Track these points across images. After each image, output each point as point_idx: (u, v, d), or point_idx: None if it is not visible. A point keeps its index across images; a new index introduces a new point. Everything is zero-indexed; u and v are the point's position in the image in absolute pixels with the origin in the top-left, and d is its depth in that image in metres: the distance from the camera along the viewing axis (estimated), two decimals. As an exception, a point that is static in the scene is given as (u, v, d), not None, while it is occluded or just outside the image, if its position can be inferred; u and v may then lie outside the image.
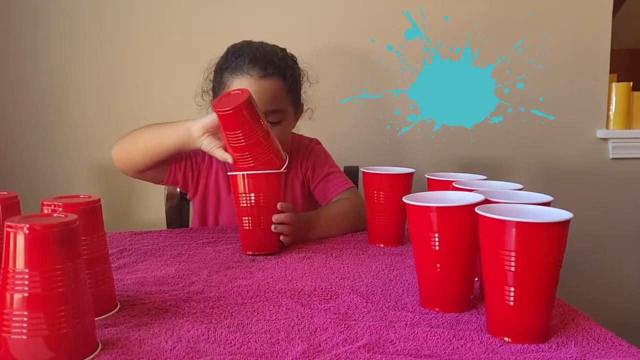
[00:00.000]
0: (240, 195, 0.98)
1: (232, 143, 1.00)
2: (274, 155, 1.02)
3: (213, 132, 1.05)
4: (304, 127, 1.33)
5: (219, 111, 0.97)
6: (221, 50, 1.23)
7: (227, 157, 1.02)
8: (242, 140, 0.98)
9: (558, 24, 1.68)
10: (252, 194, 0.97)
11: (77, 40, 1.60)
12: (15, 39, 1.59)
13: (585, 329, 0.65)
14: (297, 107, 1.25)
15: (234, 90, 1.02)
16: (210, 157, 1.19)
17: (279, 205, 1.00)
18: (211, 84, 1.23)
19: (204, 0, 1.61)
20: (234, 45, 1.21)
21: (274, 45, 1.21)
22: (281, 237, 1.01)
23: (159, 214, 1.49)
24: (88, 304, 0.58)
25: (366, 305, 0.73)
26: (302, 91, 1.26)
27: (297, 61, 1.24)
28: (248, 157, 1.00)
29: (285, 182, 1.24)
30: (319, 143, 1.32)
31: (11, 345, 0.54)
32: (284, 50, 1.22)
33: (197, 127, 1.04)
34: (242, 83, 1.12)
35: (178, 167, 1.20)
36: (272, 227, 0.99)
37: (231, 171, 1.03)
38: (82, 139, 1.64)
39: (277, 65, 1.15)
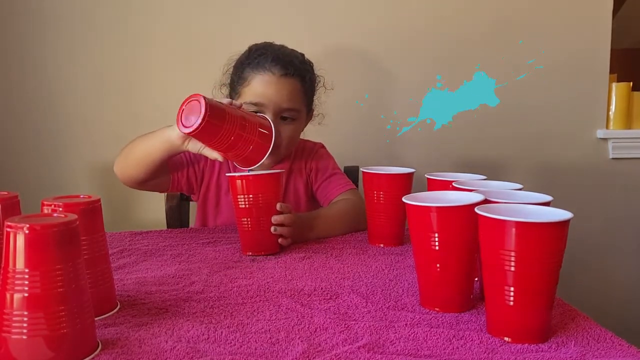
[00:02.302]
0: (239, 196, 0.98)
1: (216, 148, 1.00)
2: (259, 139, 1.01)
3: None
4: (306, 127, 1.33)
5: (187, 132, 0.95)
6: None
7: (217, 156, 1.03)
8: (224, 142, 0.98)
9: (558, 24, 1.68)
10: (251, 195, 0.97)
11: (78, 41, 1.60)
12: (15, 40, 1.59)
13: (585, 328, 0.65)
14: (310, 111, 1.27)
15: (187, 100, 0.98)
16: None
17: (278, 206, 1.00)
18: (230, 78, 1.25)
19: (206, 2, 1.61)
20: (256, 45, 1.23)
21: (293, 50, 1.25)
22: (279, 240, 1.01)
23: (159, 214, 1.48)
24: (88, 304, 0.58)
25: (366, 305, 0.73)
26: (316, 97, 1.28)
27: (314, 68, 1.27)
28: (236, 151, 1.00)
29: (287, 182, 1.25)
30: (323, 147, 1.34)
31: (11, 345, 0.54)
32: (302, 55, 1.25)
33: (175, 135, 1.03)
34: (264, 79, 1.15)
35: (180, 174, 1.21)
36: (272, 228, 0.99)
37: (233, 169, 1.02)
38: (82, 139, 1.64)
39: (298, 67, 1.19)
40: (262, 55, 1.18)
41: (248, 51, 1.22)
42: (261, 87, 1.15)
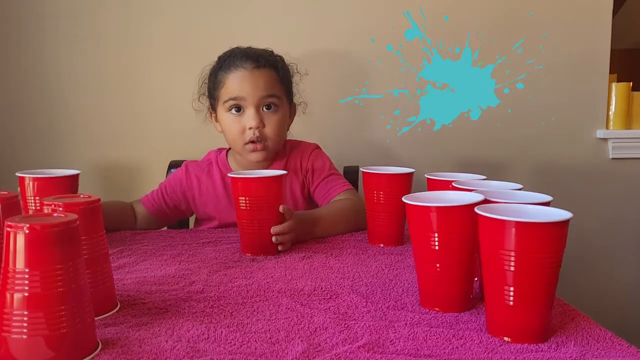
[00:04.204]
0: (240, 198, 0.98)
1: None
2: None
3: None
4: (304, 126, 1.33)
5: None
6: (222, 51, 1.25)
7: None
8: None
9: (558, 24, 1.68)
10: (253, 197, 0.97)
11: (77, 41, 1.61)
12: (15, 39, 1.59)
13: (584, 328, 0.65)
14: (291, 102, 1.28)
15: None
16: (200, 181, 1.27)
17: (281, 208, 0.99)
18: (206, 87, 1.27)
19: (207, 2, 1.61)
20: (224, 52, 1.26)
21: (271, 51, 1.27)
22: (279, 247, 1.00)
23: (159, 214, 1.49)
24: (88, 304, 0.58)
25: (366, 305, 0.73)
26: (294, 88, 1.30)
27: (285, 61, 1.29)
28: None
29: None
30: (318, 147, 1.34)
31: (11, 344, 0.54)
32: (271, 51, 1.27)
33: None
34: (237, 75, 1.18)
35: (170, 217, 1.30)
36: (273, 238, 0.98)
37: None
38: (83, 140, 1.64)
39: (268, 59, 1.21)
40: (231, 56, 1.21)
41: (218, 59, 1.26)
42: (237, 83, 1.18)
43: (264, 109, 1.19)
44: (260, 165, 1.22)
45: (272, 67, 1.20)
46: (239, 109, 1.19)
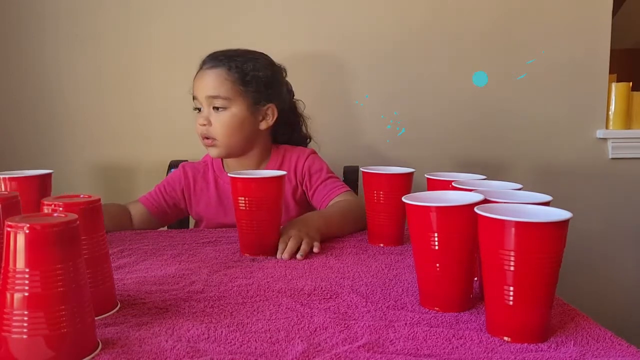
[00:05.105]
0: (239, 198, 0.98)
1: None
2: None
3: None
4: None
5: None
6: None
7: None
8: None
9: (558, 24, 1.68)
10: (252, 198, 0.96)
11: (77, 41, 1.61)
12: (15, 39, 1.60)
13: (584, 328, 0.65)
14: (259, 103, 1.25)
15: None
16: (196, 182, 1.31)
17: (278, 255, 0.97)
18: None
19: (207, 3, 1.61)
20: None
21: (248, 50, 1.28)
22: (285, 255, 0.97)
23: (159, 214, 1.49)
24: (88, 304, 0.58)
25: (366, 304, 0.73)
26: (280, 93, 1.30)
27: (268, 65, 1.28)
28: None
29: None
30: (314, 152, 1.34)
31: (11, 344, 0.54)
32: (252, 52, 1.28)
33: None
34: (197, 76, 1.25)
35: (170, 216, 1.31)
36: (278, 254, 0.96)
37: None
38: (82, 139, 1.64)
39: (221, 59, 1.24)
40: (205, 58, 1.26)
41: None
42: (195, 83, 1.25)
43: (214, 108, 1.23)
44: (237, 163, 1.28)
45: (225, 67, 1.22)
46: (199, 106, 1.25)
